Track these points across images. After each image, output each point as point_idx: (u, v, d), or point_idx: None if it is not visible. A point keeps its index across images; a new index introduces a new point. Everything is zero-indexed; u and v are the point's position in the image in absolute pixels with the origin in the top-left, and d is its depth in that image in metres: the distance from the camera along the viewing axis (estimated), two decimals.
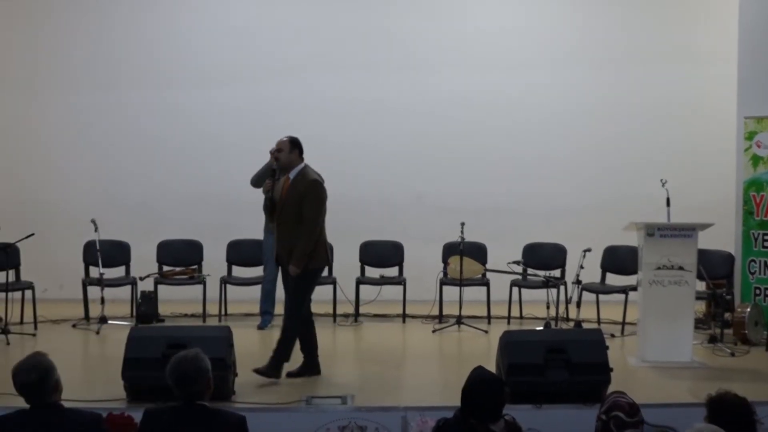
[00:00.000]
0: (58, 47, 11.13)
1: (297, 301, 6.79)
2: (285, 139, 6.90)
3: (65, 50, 11.14)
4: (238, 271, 9.86)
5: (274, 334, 8.83)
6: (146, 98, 11.11)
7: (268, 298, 9.10)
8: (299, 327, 6.78)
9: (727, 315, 8.58)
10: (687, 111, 11.03)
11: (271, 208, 6.97)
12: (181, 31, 11.19)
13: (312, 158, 9.01)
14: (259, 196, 8.92)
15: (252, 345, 7.97)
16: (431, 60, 11.09)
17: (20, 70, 11.10)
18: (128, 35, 11.16)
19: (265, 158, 8.86)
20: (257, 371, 6.57)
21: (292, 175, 6.83)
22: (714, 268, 8.70)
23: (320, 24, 11.12)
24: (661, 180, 7.79)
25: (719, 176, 10.24)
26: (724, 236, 9.07)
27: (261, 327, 8.93)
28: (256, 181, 8.83)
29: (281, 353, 6.70)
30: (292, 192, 6.74)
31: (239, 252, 9.85)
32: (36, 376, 3.98)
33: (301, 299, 6.81)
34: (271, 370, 6.64)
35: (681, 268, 7.46)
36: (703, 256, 8.01)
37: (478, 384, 4.21)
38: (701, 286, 8.42)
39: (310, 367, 6.91)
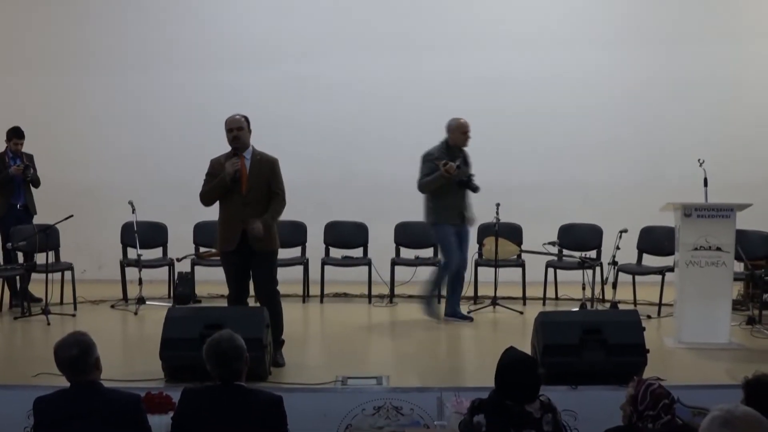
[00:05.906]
0: (97, 28, 11.19)
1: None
2: None
3: (104, 31, 11.19)
4: None
5: (310, 311, 8.94)
6: (184, 79, 11.14)
7: None
8: None
9: (765, 296, 8.51)
10: (726, 90, 10.85)
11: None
12: (218, 12, 11.21)
13: (347, 139, 9.08)
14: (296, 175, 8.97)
15: (288, 325, 7.99)
16: (465, 39, 11.01)
17: (59, 51, 11.17)
18: (164, 17, 11.20)
19: (305, 137, 8.89)
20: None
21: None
22: (752, 248, 8.60)
23: (354, 3, 11.10)
24: (699, 159, 7.68)
25: (759, 156, 10.12)
26: (763, 216, 8.92)
27: None
28: None
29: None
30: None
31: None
32: (77, 351, 4.04)
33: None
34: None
35: (719, 248, 7.37)
36: (742, 236, 7.93)
37: (512, 364, 4.20)
38: (739, 266, 8.34)
39: None
